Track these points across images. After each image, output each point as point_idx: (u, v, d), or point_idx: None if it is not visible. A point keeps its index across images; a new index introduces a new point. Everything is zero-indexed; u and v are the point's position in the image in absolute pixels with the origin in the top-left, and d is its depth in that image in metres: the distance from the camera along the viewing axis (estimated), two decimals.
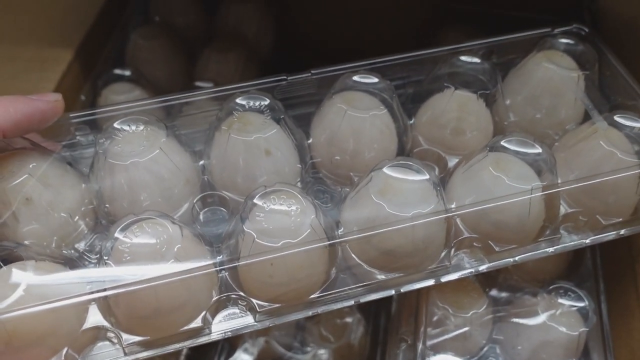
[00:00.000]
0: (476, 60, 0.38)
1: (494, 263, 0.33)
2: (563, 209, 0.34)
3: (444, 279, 0.32)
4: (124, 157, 0.32)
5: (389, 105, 0.35)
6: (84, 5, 0.52)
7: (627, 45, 0.43)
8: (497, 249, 0.33)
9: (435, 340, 0.38)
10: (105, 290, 0.27)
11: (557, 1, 0.53)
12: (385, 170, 0.31)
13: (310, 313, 0.31)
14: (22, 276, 0.27)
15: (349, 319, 0.49)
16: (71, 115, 0.35)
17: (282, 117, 0.34)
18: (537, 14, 0.55)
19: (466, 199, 0.33)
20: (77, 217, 0.32)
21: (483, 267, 0.33)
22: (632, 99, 0.38)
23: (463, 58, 0.38)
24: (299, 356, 0.49)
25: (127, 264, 0.27)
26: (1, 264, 0.27)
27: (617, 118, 0.35)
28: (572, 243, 0.34)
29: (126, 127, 0.33)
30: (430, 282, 0.32)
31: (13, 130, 0.30)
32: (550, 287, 0.39)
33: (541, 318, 0.38)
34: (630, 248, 0.41)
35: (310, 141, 0.36)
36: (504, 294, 0.41)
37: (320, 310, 0.31)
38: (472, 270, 0.33)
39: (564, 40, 0.40)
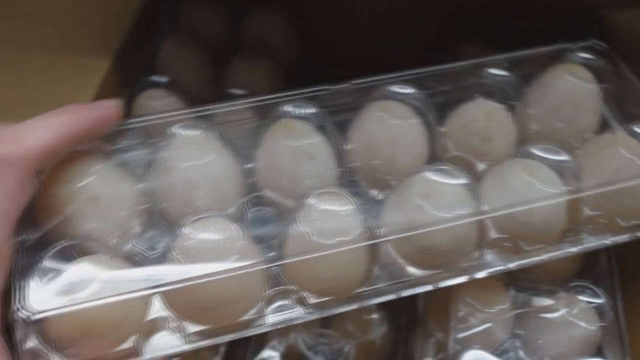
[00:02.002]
0: (503, 72, 0.40)
1: (522, 261, 0.36)
2: (585, 212, 0.37)
3: (477, 276, 0.35)
4: (180, 161, 0.34)
5: (423, 114, 0.38)
6: (122, 14, 0.54)
7: (635, 60, 0.46)
8: (525, 248, 0.35)
9: (463, 335, 0.41)
10: (172, 284, 0.30)
11: (568, 14, 0.56)
12: (427, 174, 0.33)
13: (355, 306, 0.33)
14: (95, 269, 0.29)
15: (373, 316, 0.51)
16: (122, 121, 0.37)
17: (325, 124, 0.37)
18: (547, 27, 0.57)
19: (497, 202, 0.35)
20: (135, 216, 0.35)
21: (512, 265, 0.36)
22: None
23: (491, 70, 0.40)
24: (324, 348, 0.51)
25: (192, 260, 0.30)
26: (77, 257, 0.30)
27: (635, 128, 0.37)
28: (593, 244, 0.37)
29: (182, 132, 0.35)
30: (465, 279, 0.35)
31: (84, 136, 0.32)
32: (570, 285, 0.42)
33: (561, 314, 0.41)
34: None
35: (348, 146, 0.39)
36: (525, 292, 0.43)
37: (364, 303, 0.33)
38: (502, 267, 0.35)
39: (582, 55, 0.42)
